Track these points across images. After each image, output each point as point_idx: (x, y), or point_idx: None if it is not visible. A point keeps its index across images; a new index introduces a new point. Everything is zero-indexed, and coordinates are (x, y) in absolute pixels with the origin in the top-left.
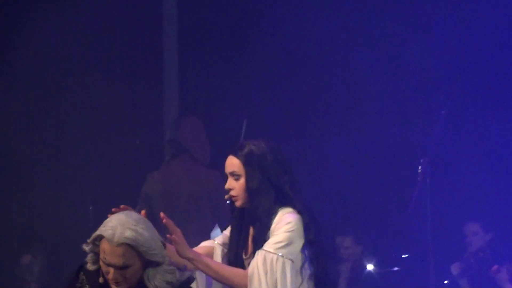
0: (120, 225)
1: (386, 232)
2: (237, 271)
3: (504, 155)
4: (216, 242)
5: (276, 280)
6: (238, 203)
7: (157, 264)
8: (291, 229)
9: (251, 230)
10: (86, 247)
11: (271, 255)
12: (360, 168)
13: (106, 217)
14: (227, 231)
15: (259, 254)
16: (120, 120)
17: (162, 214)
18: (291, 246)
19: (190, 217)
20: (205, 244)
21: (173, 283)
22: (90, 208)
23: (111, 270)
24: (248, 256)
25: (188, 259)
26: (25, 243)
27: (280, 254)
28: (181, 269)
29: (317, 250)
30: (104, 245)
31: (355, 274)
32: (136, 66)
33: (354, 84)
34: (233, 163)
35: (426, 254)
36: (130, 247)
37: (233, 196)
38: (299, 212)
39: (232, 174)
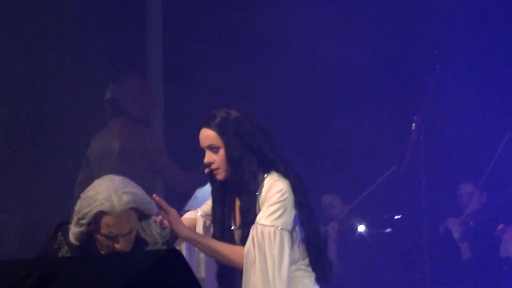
0: (113, 193)
1: (377, 192)
2: (237, 249)
3: (501, 109)
4: (198, 213)
5: (275, 253)
6: (220, 176)
7: (148, 217)
8: (283, 197)
9: (237, 201)
10: (76, 228)
11: (268, 228)
12: (351, 125)
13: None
14: (209, 201)
15: (256, 229)
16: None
17: (154, 195)
18: (286, 215)
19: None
20: (187, 216)
21: (161, 233)
22: (70, 164)
23: (119, 239)
24: (237, 227)
25: (187, 238)
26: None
27: (278, 226)
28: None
29: (307, 212)
30: (106, 219)
31: (343, 236)
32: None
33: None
34: (208, 136)
35: (420, 215)
36: (133, 210)
37: (215, 169)
38: (285, 175)
39: (210, 147)
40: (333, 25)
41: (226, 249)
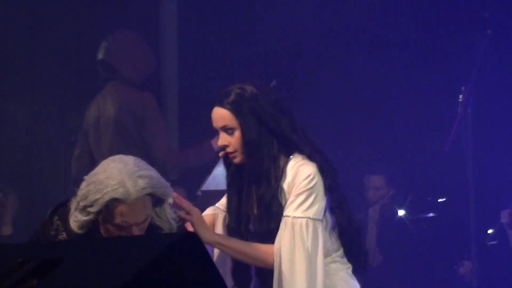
0: (126, 178)
1: (419, 172)
2: (268, 248)
3: None
4: (217, 207)
5: (309, 247)
6: (237, 159)
7: (163, 202)
8: (312, 183)
9: (254, 189)
10: (82, 216)
11: (300, 220)
12: (391, 99)
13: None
14: None
15: (286, 223)
16: None
17: (175, 194)
18: (318, 203)
19: (116, 150)
20: (207, 212)
21: (175, 218)
22: (72, 139)
23: (132, 229)
24: (256, 217)
25: (212, 243)
26: None
27: (310, 216)
28: None
29: (338, 197)
30: (121, 208)
31: (384, 220)
32: None
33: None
34: (222, 116)
35: (466, 199)
36: (148, 195)
37: (231, 153)
38: (311, 158)
39: (224, 128)
40: None
41: (256, 249)
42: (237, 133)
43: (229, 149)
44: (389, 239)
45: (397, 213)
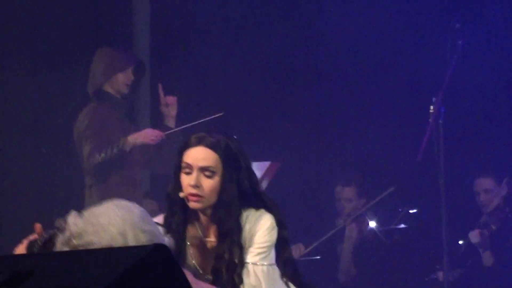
0: (129, 229)
1: (391, 183)
2: None
3: None
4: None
5: None
6: (198, 206)
7: None
8: (272, 233)
9: (212, 238)
10: None
11: (266, 267)
12: (362, 109)
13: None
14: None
15: (252, 270)
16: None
17: None
18: (273, 251)
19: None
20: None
21: None
22: (44, 151)
23: None
24: (208, 271)
25: None
26: None
27: (271, 263)
28: None
29: (288, 247)
30: None
31: (361, 233)
32: None
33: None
34: (209, 157)
35: (438, 210)
36: None
37: (198, 196)
38: (267, 209)
39: (205, 169)
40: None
41: None
42: (216, 179)
43: (198, 191)
44: (361, 251)
45: (368, 224)
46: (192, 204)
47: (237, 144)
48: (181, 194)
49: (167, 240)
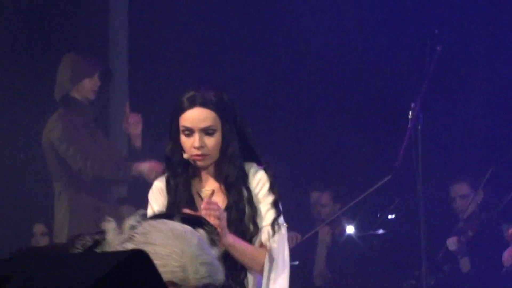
0: (189, 263)
1: (369, 188)
2: (260, 250)
3: (503, 94)
4: None
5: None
6: (204, 162)
7: None
8: (276, 191)
9: (226, 194)
10: None
11: (281, 227)
12: (339, 115)
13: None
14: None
15: (270, 229)
16: None
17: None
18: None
19: None
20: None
21: None
22: (22, 156)
23: None
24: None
25: (230, 246)
26: None
27: (284, 223)
28: None
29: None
30: None
31: (335, 238)
32: None
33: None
34: (207, 116)
35: (416, 215)
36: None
37: (203, 155)
38: (268, 165)
39: (207, 129)
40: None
41: (259, 253)
42: (217, 135)
43: (203, 151)
44: (338, 256)
45: (346, 230)
46: (199, 163)
47: (227, 95)
48: (185, 156)
49: (222, 270)
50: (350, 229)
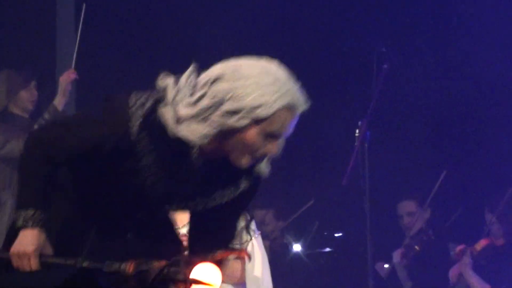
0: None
1: (316, 207)
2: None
3: (449, 113)
4: None
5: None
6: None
7: None
8: None
9: None
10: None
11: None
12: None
13: None
14: None
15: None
16: None
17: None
18: None
19: None
20: None
21: None
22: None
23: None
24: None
25: None
26: None
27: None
28: None
29: None
30: (286, 116)
31: (276, 255)
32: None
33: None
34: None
35: (363, 233)
36: None
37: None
38: None
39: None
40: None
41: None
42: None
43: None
44: (284, 275)
45: (291, 247)
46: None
47: None
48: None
49: None
50: (297, 247)
